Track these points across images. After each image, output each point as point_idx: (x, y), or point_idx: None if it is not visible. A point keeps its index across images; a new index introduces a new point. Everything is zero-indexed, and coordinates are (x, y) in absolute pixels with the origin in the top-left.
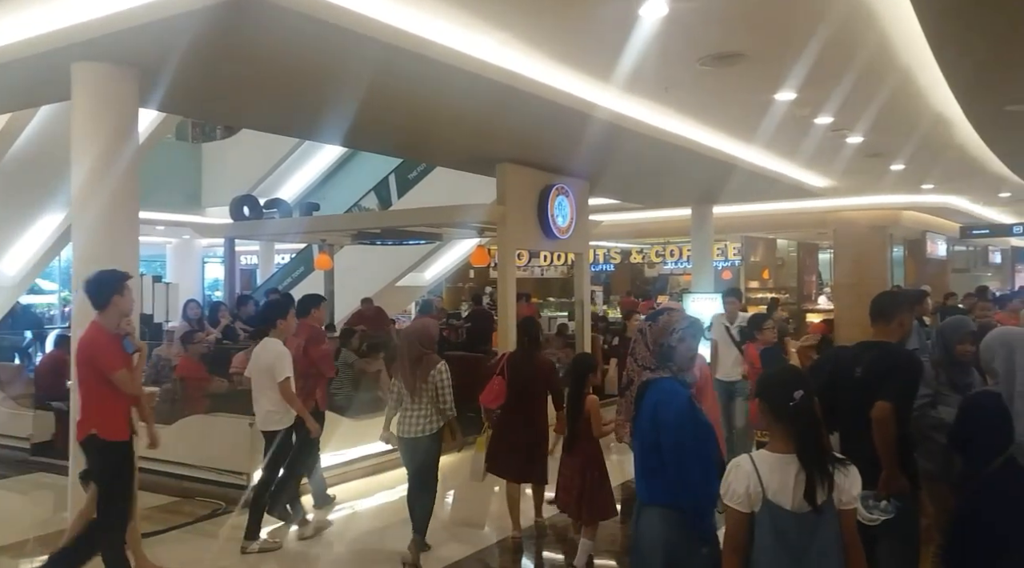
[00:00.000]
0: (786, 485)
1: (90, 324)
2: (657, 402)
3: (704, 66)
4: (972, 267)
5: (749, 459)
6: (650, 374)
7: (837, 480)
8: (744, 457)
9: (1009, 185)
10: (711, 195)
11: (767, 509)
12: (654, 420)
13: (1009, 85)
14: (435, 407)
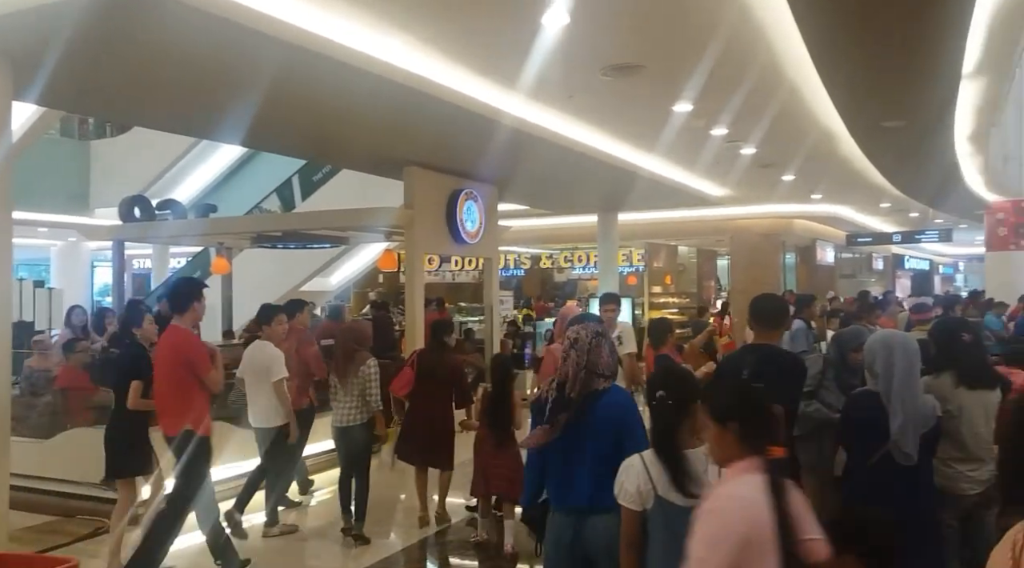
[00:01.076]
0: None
1: (175, 328)
2: (624, 408)
3: (606, 76)
4: (858, 273)
5: (640, 459)
6: (604, 382)
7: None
8: (635, 457)
9: (889, 196)
10: (616, 202)
11: (659, 505)
12: (619, 426)
13: (884, 103)
14: (364, 399)
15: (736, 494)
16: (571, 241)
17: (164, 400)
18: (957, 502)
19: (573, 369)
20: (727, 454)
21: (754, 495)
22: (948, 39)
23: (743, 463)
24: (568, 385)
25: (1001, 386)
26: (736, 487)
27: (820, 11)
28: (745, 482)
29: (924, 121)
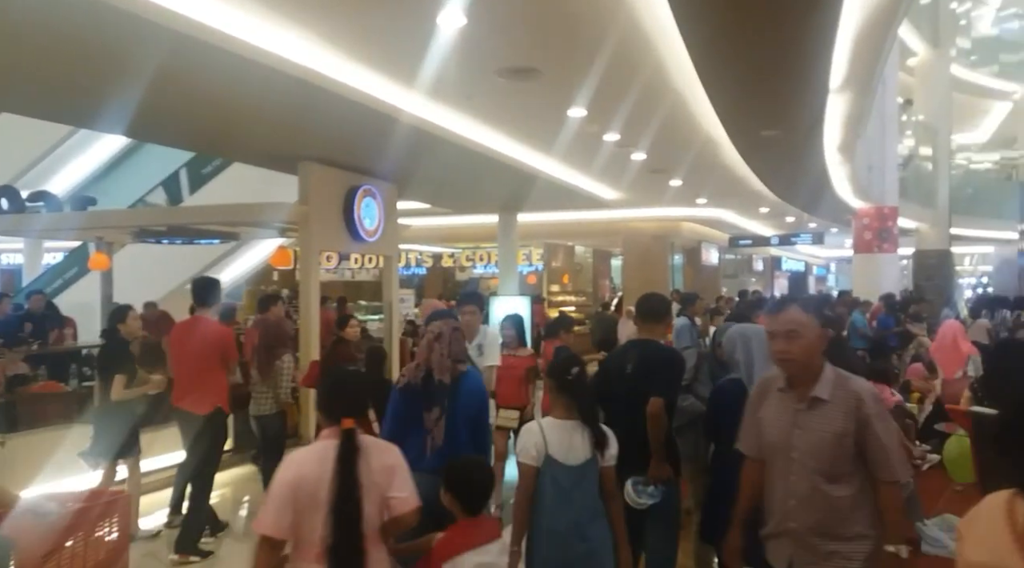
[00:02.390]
0: (563, 444)
1: (205, 319)
2: (479, 382)
3: (502, 78)
4: (739, 273)
5: (538, 424)
6: (463, 366)
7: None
8: (534, 423)
9: (767, 201)
10: (516, 203)
11: (548, 463)
12: (481, 400)
13: (762, 114)
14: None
15: (301, 454)
16: (473, 240)
17: (193, 382)
18: None
19: (439, 358)
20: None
21: (316, 456)
22: (817, 56)
23: (326, 430)
24: (436, 371)
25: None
26: (307, 449)
27: (702, 24)
28: (317, 445)
29: (798, 131)
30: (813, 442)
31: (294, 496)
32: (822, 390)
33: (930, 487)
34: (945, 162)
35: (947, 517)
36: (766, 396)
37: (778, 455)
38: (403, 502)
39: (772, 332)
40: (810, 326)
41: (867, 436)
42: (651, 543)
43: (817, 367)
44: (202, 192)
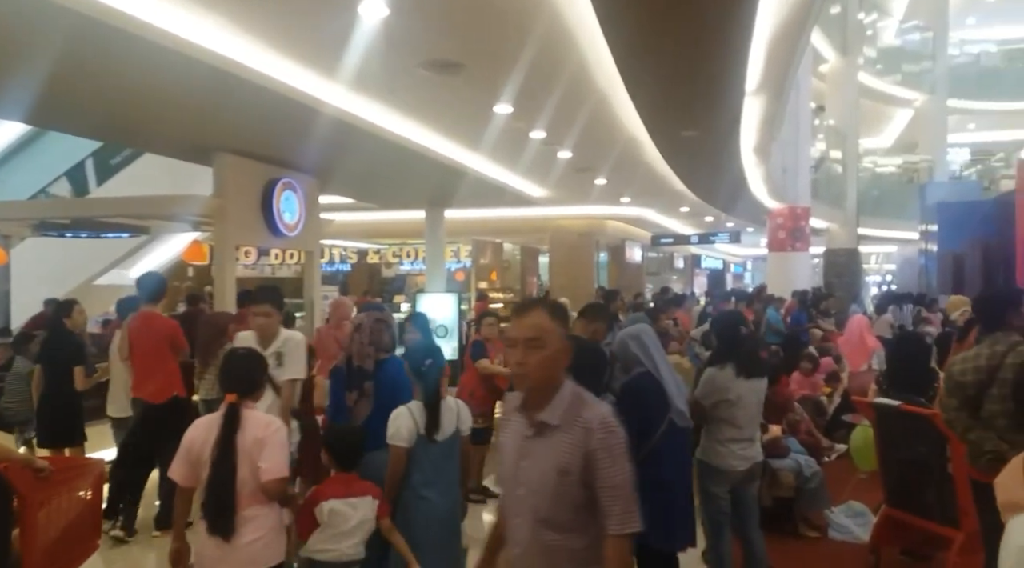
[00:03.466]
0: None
1: (155, 314)
2: (395, 371)
3: (426, 71)
4: (662, 271)
5: (407, 408)
6: (385, 354)
7: (462, 415)
8: (403, 408)
9: (688, 201)
10: (443, 199)
11: (420, 441)
12: (393, 386)
13: (681, 115)
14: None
15: (200, 420)
16: (399, 236)
17: (150, 372)
18: (728, 477)
19: (359, 346)
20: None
21: (207, 423)
22: (734, 59)
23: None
24: (356, 358)
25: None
26: (205, 417)
27: (623, 24)
28: (212, 415)
29: (716, 133)
30: (535, 478)
31: (187, 454)
32: (552, 414)
33: (837, 475)
34: (853, 165)
35: (852, 504)
36: (509, 417)
37: (507, 490)
38: (267, 472)
39: (511, 339)
40: (554, 335)
41: (593, 475)
42: None
43: (554, 384)
44: (110, 183)
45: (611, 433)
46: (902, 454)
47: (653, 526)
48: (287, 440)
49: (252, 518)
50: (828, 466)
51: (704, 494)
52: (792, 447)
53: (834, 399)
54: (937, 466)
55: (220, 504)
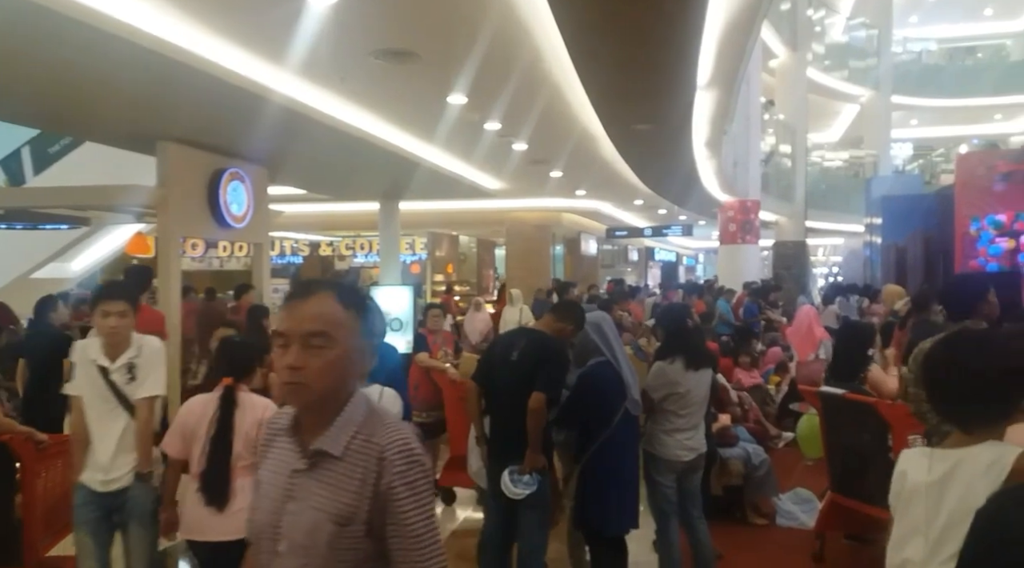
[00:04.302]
0: None
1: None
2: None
3: (378, 60)
4: (616, 263)
5: None
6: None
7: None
8: None
9: (642, 194)
10: (397, 191)
11: None
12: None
13: (635, 108)
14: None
15: (195, 399)
16: (353, 228)
17: None
18: (674, 467)
19: None
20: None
21: (203, 401)
22: (685, 53)
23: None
24: None
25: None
26: (202, 396)
27: (576, 16)
28: (210, 395)
29: (669, 126)
30: (303, 529)
31: (183, 429)
32: (334, 440)
33: (785, 463)
34: (802, 159)
35: (799, 491)
36: (272, 441)
37: (262, 545)
38: (238, 459)
39: (282, 334)
40: (346, 329)
41: (387, 521)
42: (523, 530)
43: (341, 398)
44: (49, 172)
45: (413, 464)
46: (846, 441)
47: (608, 513)
48: None
49: (240, 489)
50: (776, 454)
51: (650, 483)
52: (741, 436)
53: (782, 388)
54: (879, 452)
55: (217, 476)
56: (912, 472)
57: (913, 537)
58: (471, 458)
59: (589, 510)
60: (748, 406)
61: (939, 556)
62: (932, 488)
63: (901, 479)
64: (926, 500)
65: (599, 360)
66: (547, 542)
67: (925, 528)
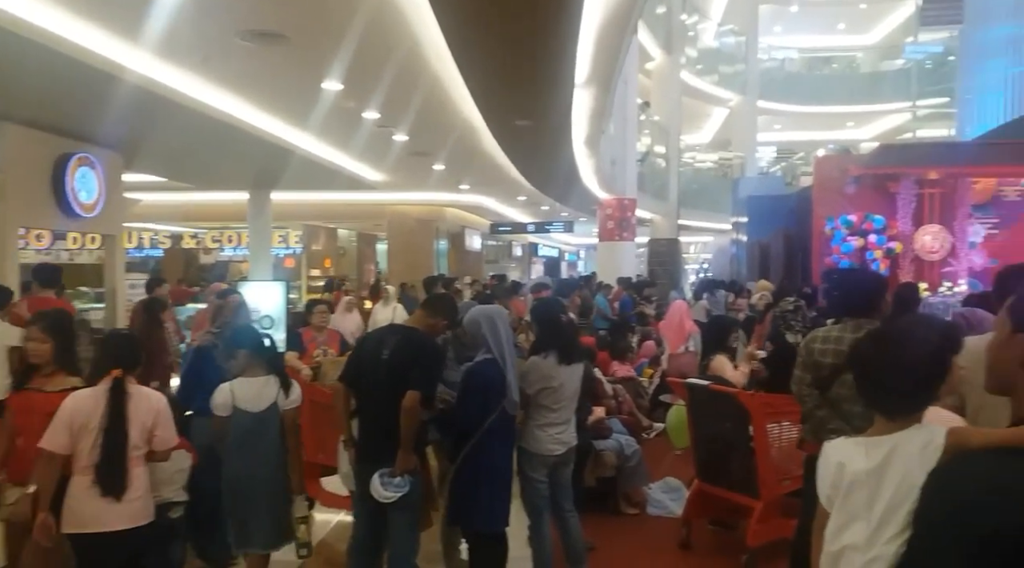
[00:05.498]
0: (249, 397)
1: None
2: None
3: (245, 41)
4: (500, 259)
5: (228, 384)
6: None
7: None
8: (225, 385)
9: (524, 190)
10: (269, 180)
11: (236, 412)
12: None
13: (515, 103)
14: None
15: (80, 393)
16: (220, 220)
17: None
18: (546, 461)
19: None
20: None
21: (92, 394)
22: (563, 50)
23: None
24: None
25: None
26: (88, 390)
27: (453, 10)
28: (96, 388)
29: (549, 123)
30: None
31: (70, 424)
32: None
33: (656, 453)
34: (675, 160)
35: (669, 480)
36: None
37: None
38: (163, 441)
39: None
40: None
41: None
42: (394, 533)
43: None
44: None
45: None
46: (711, 431)
47: (479, 511)
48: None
49: (135, 478)
50: (647, 444)
51: (523, 479)
52: (615, 428)
53: (654, 380)
54: (741, 441)
55: (114, 466)
56: (850, 462)
57: (853, 523)
58: (340, 461)
59: (461, 508)
60: (622, 398)
61: (881, 537)
62: (872, 474)
63: (839, 470)
64: (867, 486)
65: (485, 358)
66: (418, 544)
67: (866, 513)
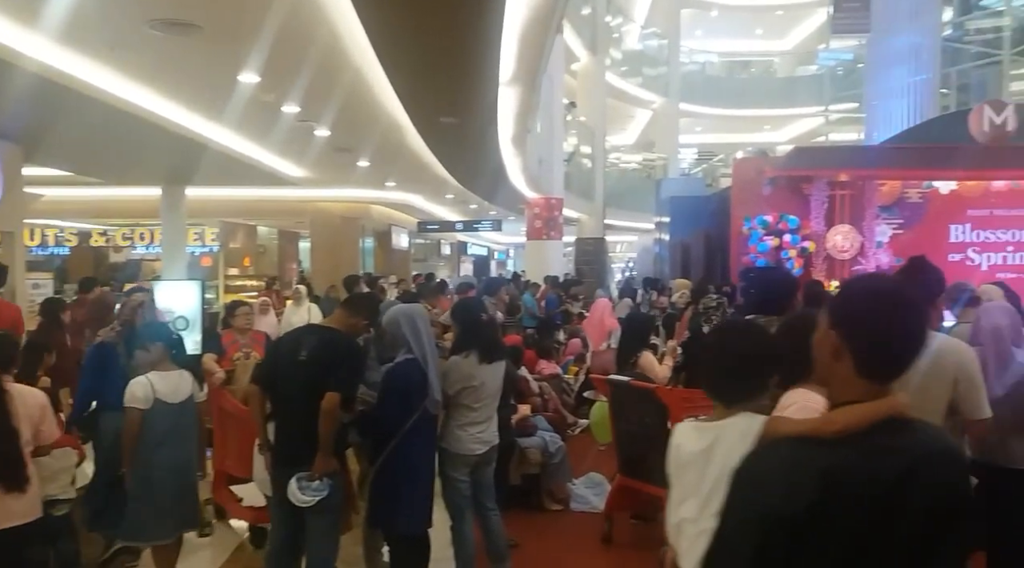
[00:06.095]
0: (169, 389)
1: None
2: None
3: (155, 31)
4: (429, 257)
5: (146, 377)
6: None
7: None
8: (143, 378)
9: (452, 188)
10: (183, 175)
11: (157, 403)
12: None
13: (440, 101)
14: None
15: None
16: (131, 216)
17: None
18: (467, 461)
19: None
20: None
21: None
22: (486, 48)
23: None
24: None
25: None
26: None
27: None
28: None
29: (475, 121)
30: None
31: None
32: None
33: (580, 449)
34: (601, 160)
35: (592, 475)
36: None
37: None
38: (47, 435)
39: None
40: None
41: None
42: (312, 537)
43: None
44: None
45: None
46: (631, 425)
47: (399, 512)
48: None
49: (32, 473)
50: (572, 441)
51: (445, 479)
52: (540, 425)
53: (580, 377)
54: (660, 435)
55: (11, 462)
56: (685, 444)
57: (688, 499)
58: (255, 466)
59: (382, 510)
60: (548, 396)
61: (708, 513)
62: (700, 456)
63: (676, 451)
64: (696, 467)
65: (406, 358)
66: (338, 548)
67: (696, 490)
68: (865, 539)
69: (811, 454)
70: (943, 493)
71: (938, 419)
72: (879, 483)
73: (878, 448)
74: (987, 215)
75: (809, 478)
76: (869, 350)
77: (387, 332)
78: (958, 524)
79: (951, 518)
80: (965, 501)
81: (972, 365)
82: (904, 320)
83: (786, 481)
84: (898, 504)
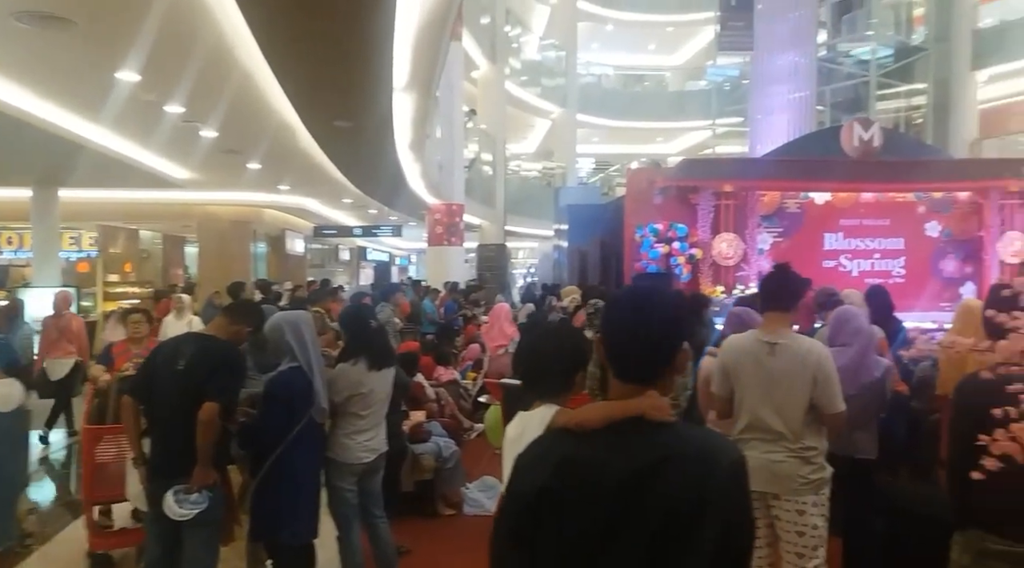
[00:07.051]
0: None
1: None
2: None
3: (22, 23)
4: (326, 263)
5: None
6: None
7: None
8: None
9: (350, 193)
10: (56, 176)
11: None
12: None
13: (333, 104)
14: None
15: None
16: None
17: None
18: (355, 470)
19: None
20: None
21: None
22: (378, 53)
23: None
24: None
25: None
26: None
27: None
28: None
29: (369, 125)
30: None
31: None
32: None
33: (475, 453)
34: (502, 167)
35: (486, 479)
36: None
37: None
38: None
39: None
40: None
41: None
42: (190, 552)
43: None
44: None
45: None
46: None
47: (285, 522)
48: None
49: None
50: (468, 445)
51: (331, 489)
52: (435, 431)
53: (478, 383)
54: None
55: None
56: (509, 430)
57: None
58: (129, 481)
59: (265, 522)
60: (444, 402)
61: None
62: (514, 442)
63: (505, 437)
64: (513, 451)
65: (290, 366)
66: (217, 562)
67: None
68: (599, 526)
69: (556, 444)
70: (688, 493)
71: (800, 413)
72: (612, 476)
73: (616, 444)
74: (857, 224)
75: (546, 465)
76: (608, 351)
77: (270, 340)
78: (710, 523)
79: (699, 517)
80: (718, 503)
81: (828, 363)
82: (629, 323)
83: (531, 467)
84: (634, 498)
